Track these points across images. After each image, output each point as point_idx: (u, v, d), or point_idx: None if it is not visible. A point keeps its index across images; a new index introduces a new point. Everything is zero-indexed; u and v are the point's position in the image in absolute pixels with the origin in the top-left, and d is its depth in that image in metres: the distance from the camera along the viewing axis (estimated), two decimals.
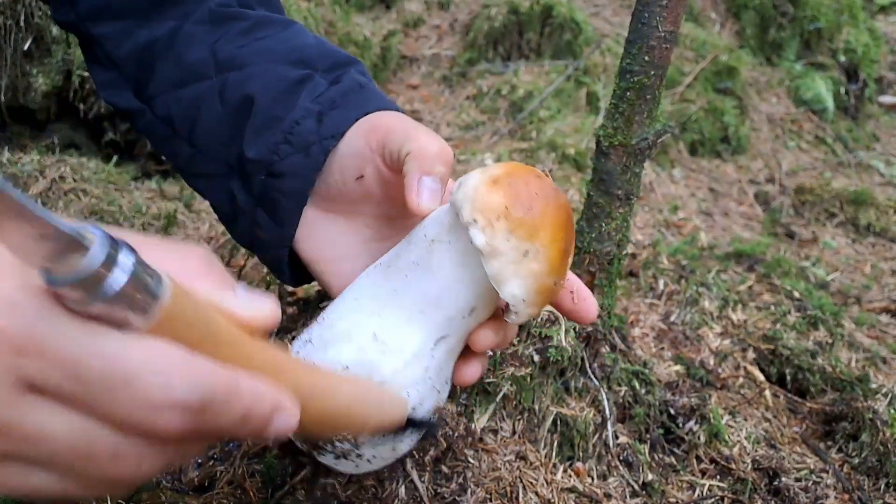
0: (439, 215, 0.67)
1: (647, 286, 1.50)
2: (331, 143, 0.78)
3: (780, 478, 1.03)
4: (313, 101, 0.81)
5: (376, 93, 0.85)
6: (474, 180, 0.62)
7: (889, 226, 2.31)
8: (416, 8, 3.01)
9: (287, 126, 0.80)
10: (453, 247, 0.64)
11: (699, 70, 2.82)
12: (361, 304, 0.69)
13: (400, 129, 0.74)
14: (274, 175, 0.80)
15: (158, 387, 0.39)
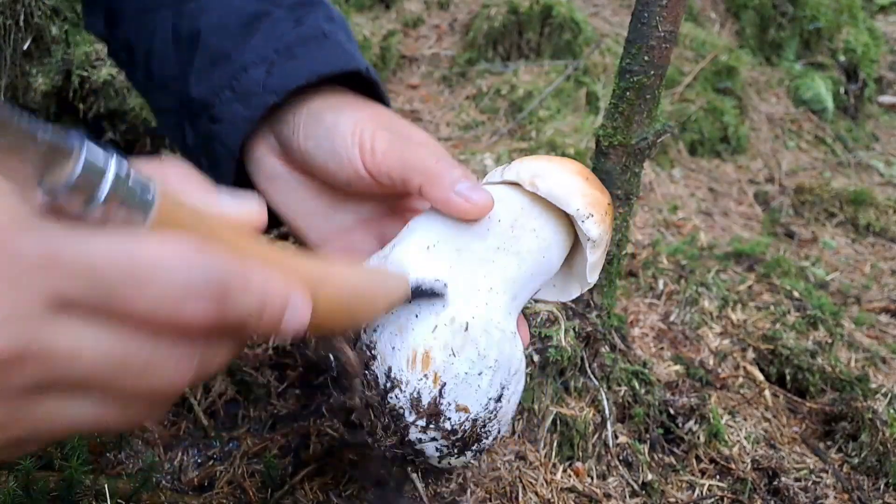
0: (509, 202, 0.68)
1: (647, 286, 1.50)
2: (272, 98, 0.73)
3: (779, 477, 1.03)
4: (268, 44, 0.76)
5: (338, 45, 0.79)
6: (563, 174, 0.67)
7: (888, 226, 2.31)
8: (416, 8, 3.01)
9: (235, 69, 0.75)
10: (539, 234, 0.68)
11: (699, 70, 2.82)
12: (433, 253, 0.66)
13: (396, 156, 0.70)
14: (213, 120, 0.76)
15: (178, 274, 0.39)
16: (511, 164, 0.69)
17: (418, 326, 0.62)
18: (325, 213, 0.78)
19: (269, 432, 0.98)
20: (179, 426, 0.97)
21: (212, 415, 1.02)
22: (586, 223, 0.66)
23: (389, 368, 0.62)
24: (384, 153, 0.71)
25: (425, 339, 0.62)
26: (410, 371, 0.61)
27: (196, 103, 0.76)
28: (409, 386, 0.61)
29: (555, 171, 0.67)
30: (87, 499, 0.77)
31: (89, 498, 0.77)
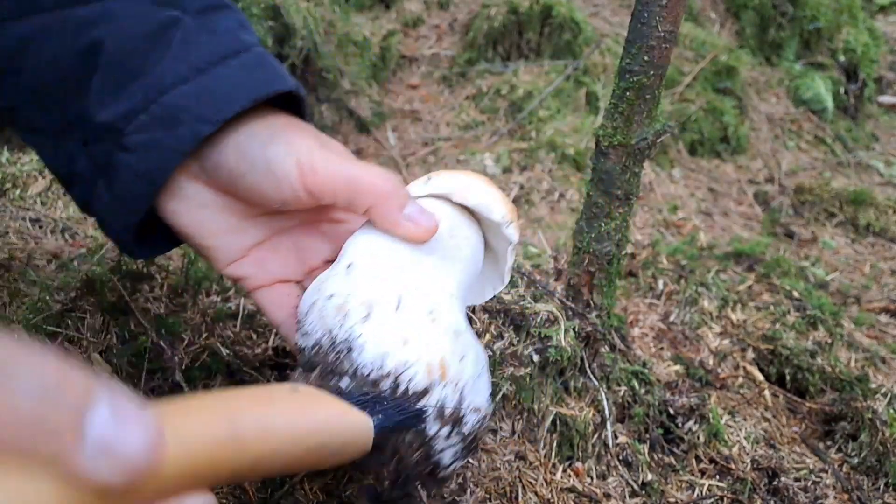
0: (443, 214, 0.73)
1: (647, 286, 1.50)
2: (206, 128, 0.66)
3: (779, 477, 1.03)
4: (183, 59, 0.67)
5: (264, 62, 0.72)
6: (485, 187, 0.74)
7: (888, 226, 2.31)
8: (416, 8, 3.01)
9: (149, 91, 0.66)
10: (470, 241, 0.74)
11: (699, 70, 2.82)
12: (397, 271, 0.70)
13: (341, 175, 0.67)
14: (124, 149, 0.67)
15: None
16: (432, 179, 0.74)
17: (422, 333, 0.64)
18: (238, 228, 0.75)
19: None
20: None
21: None
22: (509, 228, 0.73)
23: (409, 381, 0.62)
24: (327, 172, 0.68)
25: (435, 347, 0.63)
26: (428, 377, 0.62)
27: (98, 127, 0.67)
28: (433, 397, 0.62)
29: (478, 184, 0.73)
30: None
31: None
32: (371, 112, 2.41)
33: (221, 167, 0.69)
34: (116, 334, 0.98)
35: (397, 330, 0.63)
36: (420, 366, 0.62)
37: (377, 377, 0.61)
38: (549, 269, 1.32)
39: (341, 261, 0.70)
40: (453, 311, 0.68)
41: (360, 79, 2.41)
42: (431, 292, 0.67)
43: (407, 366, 0.61)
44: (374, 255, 0.69)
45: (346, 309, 0.64)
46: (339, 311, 0.64)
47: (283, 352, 1.11)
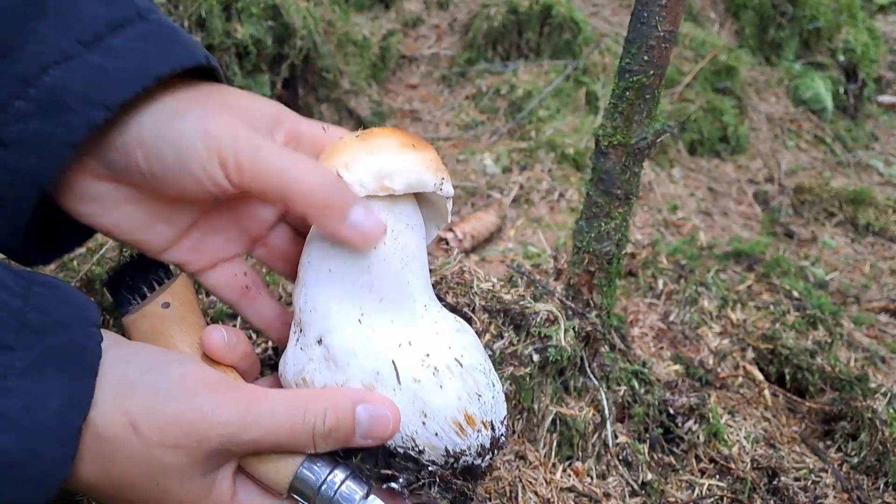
0: (395, 213, 0.69)
1: (647, 286, 1.50)
2: (99, 114, 0.56)
3: (779, 477, 1.03)
4: (66, 30, 0.56)
5: (165, 29, 0.61)
6: (398, 157, 0.66)
7: (888, 225, 2.31)
8: (416, 7, 3.01)
9: (26, 71, 0.55)
10: (411, 224, 0.69)
11: (698, 70, 2.82)
12: (366, 320, 0.67)
13: (273, 175, 0.60)
14: (2, 143, 0.56)
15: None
16: (342, 176, 0.65)
17: (436, 399, 0.64)
18: (161, 219, 0.68)
19: None
20: None
21: None
22: (444, 189, 0.69)
23: (446, 449, 0.64)
24: (255, 171, 0.61)
25: (455, 405, 0.64)
26: (464, 437, 0.65)
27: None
28: (472, 449, 0.65)
29: (392, 161, 0.65)
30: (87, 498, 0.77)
31: (89, 498, 0.77)
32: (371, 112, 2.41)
33: (130, 166, 0.61)
34: None
35: (411, 406, 0.63)
36: (448, 432, 0.64)
37: (415, 455, 0.64)
38: (549, 269, 1.32)
39: (306, 332, 0.66)
40: (443, 337, 0.67)
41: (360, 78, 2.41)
42: (416, 334, 0.66)
43: (439, 439, 0.64)
44: (336, 316, 0.65)
45: None
46: None
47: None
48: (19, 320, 0.51)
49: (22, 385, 0.50)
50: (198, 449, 0.56)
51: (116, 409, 0.54)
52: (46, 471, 0.51)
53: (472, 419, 0.65)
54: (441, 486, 0.65)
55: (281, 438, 0.58)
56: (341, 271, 0.66)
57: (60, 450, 0.51)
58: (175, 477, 0.56)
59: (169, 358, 0.61)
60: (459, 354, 0.67)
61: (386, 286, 0.66)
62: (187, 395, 0.56)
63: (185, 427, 0.55)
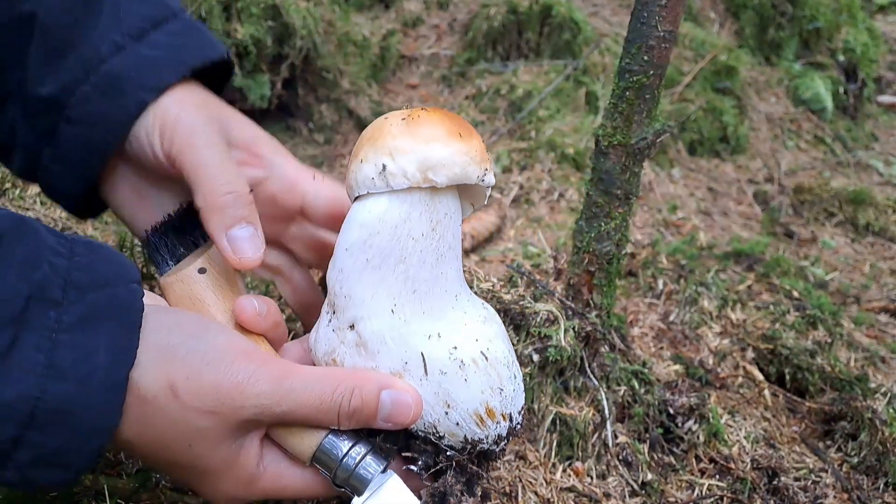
0: (415, 208, 0.67)
1: (647, 286, 1.50)
2: (150, 96, 0.67)
3: (779, 477, 1.03)
4: (117, 25, 0.68)
5: (194, 28, 0.73)
6: (444, 147, 0.66)
7: (888, 225, 2.31)
8: (415, 7, 3.00)
9: (88, 60, 0.67)
10: (450, 215, 0.69)
11: (698, 70, 2.82)
12: (398, 310, 0.68)
13: (187, 163, 0.67)
14: (69, 121, 0.69)
15: None
16: (386, 166, 0.65)
17: (460, 392, 0.66)
18: (148, 197, 0.76)
19: None
20: None
21: None
22: (486, 180, 0.69)
23: (465, 437, 0.67)
24: (179, 149, 0.68)
25: (477, 399, 0.67)
26: (483, 428, 0.67)
27: (39, 101, 0.68)
28: (489, 438, 0.68)
29: (438, 152, 0.65)
30: (87, 499, 0.77)
31: (89, 498, 0.77)
32: (371, 112, 2.41)
33: (133, 144, 0.71)
34: None
35: (435, 397, 0.66)
36: (469, 423, 0.66)
37: (435, 441, 0.67)
38: (549, 269, 1.32)
39: (339, 315, 0.68)
40: (471, 329, 0.69)
41: (360, 78, 2.41)
42: (446, 326, 0.68)
43: (459, 428, 0.66)
44: (370, 304, 0.67)
45: None
46: None
47: None
48: (65, 279, 0.55)
49: (71, 339, 0.54)
50: (231, 416, 0.59)
51: (159, 372, 0.57)
52: (99, 416, 0.55)
53: (493, 412, 0.67)
54: (457, 470, 0.67)
55: (310, 413, 0.62)
56: (378, 261, 0.67)
57: (110, 397, 0.56)
58: (207, 441, 0.59)
59: (208, 326, 0.64)
60: (486, 347, 0.68)
61: (421, 277, 0.67)
62: (225, 365, 0.59)
63: (221, 395, 0.58)
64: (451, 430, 0.66)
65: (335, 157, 2.29)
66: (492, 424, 0.67)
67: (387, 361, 0.66)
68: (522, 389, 0.72)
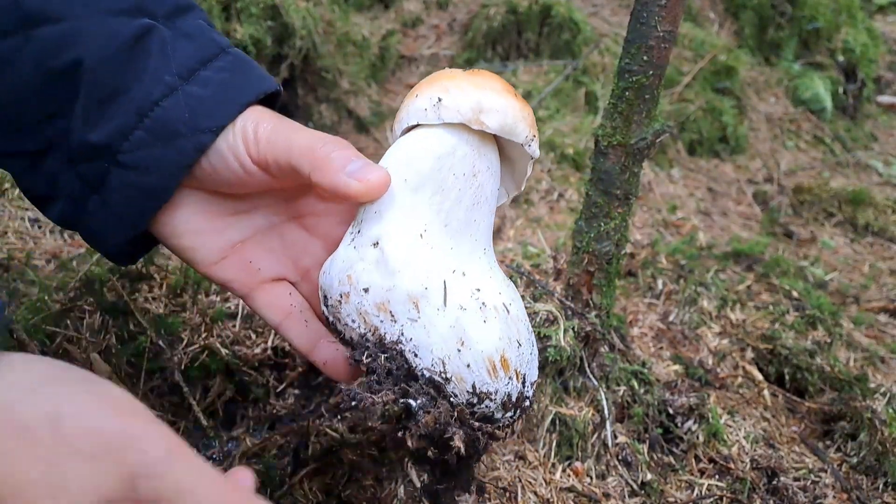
0: (461, 149, 0.67)
1: (646, 286, 1.50)
2: (208, 138, 0.66)
3: (778, 477, 1.03)
4: (166, 67, 0.67)
5: (245, 63, 0.72)
6: (501, 99, 0.67)
7: (887, 225, 2.31)
8: (415, 7, 3.01)
9: (140, 105, 0.65)
10: (491, 170, 0.69)
11: (697, 70, 2.82)
12: (427, 237, 0.65)
13: (282, 142, 0.66)
14: (122, 165, 0.66)
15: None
16: (442, 101, 0.66)
17: (477, 331, 0.62)
18: (216, 229, 0.73)
19: (269, 432, 0.97)
20: (179, 426, 0.97)
21: (211, 415, 1.02)
22: (532, 146, 0.69)
23: (473, 385, 0.62)
24: (268, 140, 0.67)
25: (494, 343, 0.62)
26: (494, 379, 0.62)
27: (89, 147, 0.66)
28: (499, 394, 0.63)
29: (493, 99, 0.66)
30: None
31: None
32: (370, 112, 2.41)
33: (194, 168, 0.69)
34: (116, 334, 0.98)
35: (450, 331, 0.61)
36: (480, 368, 0.62)
37: (440, 381, 0.61)
38: (549, 269, 1.32)
39: (364, 233, 0.65)
40: (495, 282, 0.66)
41: (360, 78, 2.41)
42: (472, 268, 0.65)
43: (469, 371, 0.61)
44: (399, 224, 0.64)
45: (389, 308, 0.62)
46: (380, 310, 0.62)
47: (283, 352, 1.11)
48: None
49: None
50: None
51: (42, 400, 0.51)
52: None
53: (508, 363, 0.63)
54: (458, 420, 0.62)
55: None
56: (416, 184, 0.65)
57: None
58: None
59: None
60: (508, 302, 0.66)
61: (455, 214, 0.66)
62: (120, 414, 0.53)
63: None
64: (459, 371, 0.61)
65: None
66: (504, 377, 0.62)
67: (405, 283, 0.62)
68: (537, 365, 0.68)
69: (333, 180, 0.64)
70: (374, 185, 0.64)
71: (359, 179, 0.64)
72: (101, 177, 0.67)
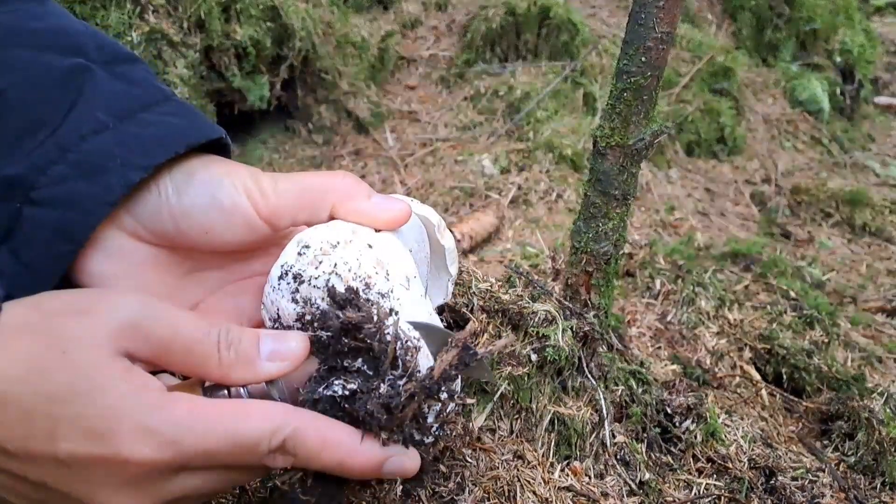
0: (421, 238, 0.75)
1: (644, 286, 1.50)
2: (136, 175, 0.59)
3: (776, 477, 1.03)
4: (100, 106, 0.61)
5: (187, 108, 0.67)
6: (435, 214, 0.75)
7: (884, 226, 2.32)
8: (414, 9, 3.01)
9: (65, 139, 0.59)
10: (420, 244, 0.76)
11: (695, 71, 2.83)
12: None
13: (296, 192, 0.64)
14: (35, 203, 0.59)
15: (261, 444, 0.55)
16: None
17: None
18: (172, 290, 0.68)
19: None
20: None
21: None
22: (443, 235, 0.74)
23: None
24: (277, 192, 0.64)
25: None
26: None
27: (2, 181, 0.59)
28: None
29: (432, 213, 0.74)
30: None
31: None
32: (369, 113, 2.42)
33: (161, 212, 0.63)
34: None
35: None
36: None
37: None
38: (547, 269, 1.32)
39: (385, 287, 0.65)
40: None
41: (359, 80, 2.42)
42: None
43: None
44: (413, 289, 0.65)
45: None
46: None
47: None
48: None
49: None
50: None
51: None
52: None
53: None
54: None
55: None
56: None
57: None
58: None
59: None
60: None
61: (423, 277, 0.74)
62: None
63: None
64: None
65: (334, 158, 2.29)
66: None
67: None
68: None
69: (367, 206, 0.65)
70: (404, 211, 0.66)
71: (388, 208, 0.65)
72: (13, 218, 0.59)
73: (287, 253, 0.64)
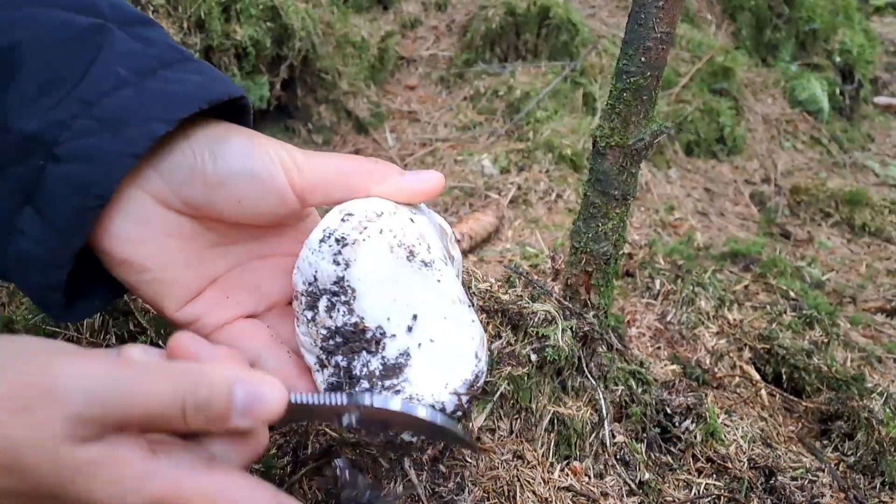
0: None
1: (644, 286, 1.50)
2: (161, 127, 0.58)
3: (776, 476, 1.03)
4: (120, 63, 0.60)
5: (207, 67, 0.67)
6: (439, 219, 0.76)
7: (884, 226, 2.32)
8: (414, 9, 3.01)
9: (87, 94, 0.58)
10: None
11: (695, 71, 2.83)
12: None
13: (331, 171, 0.65)
14: (58, 159, 0.57)
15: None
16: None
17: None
18: (195, 262, 0.67)
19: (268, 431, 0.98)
20: None
21: None
22: (453, 246, 0.76)
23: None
24: (312, 169, 0.64)
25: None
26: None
27: (22, 140, 0.57)
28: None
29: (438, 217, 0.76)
30: None
31: None
32: (369, 113, 2.42)
33: (194, 176, 0.62)
34: (116, 334, 0.98)
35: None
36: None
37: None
38: (547, 269, 1.32)
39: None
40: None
41: (359, 79, 2.42)
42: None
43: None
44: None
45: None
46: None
47: None
48: None
49: None
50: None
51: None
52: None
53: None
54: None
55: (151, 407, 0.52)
56: None
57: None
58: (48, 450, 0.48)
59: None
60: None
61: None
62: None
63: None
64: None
65: None
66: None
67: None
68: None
69: (401, 182, 0.67)
70: (438, 180, 0.68)
71: (421, 180, 0.67)
72: (36, 176, 0.58)
73: (329, 218, 0.66)
